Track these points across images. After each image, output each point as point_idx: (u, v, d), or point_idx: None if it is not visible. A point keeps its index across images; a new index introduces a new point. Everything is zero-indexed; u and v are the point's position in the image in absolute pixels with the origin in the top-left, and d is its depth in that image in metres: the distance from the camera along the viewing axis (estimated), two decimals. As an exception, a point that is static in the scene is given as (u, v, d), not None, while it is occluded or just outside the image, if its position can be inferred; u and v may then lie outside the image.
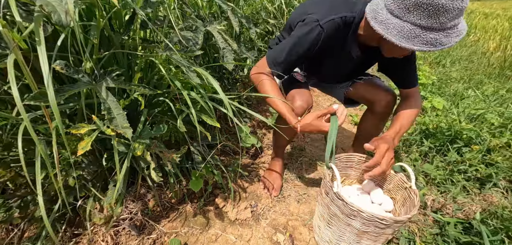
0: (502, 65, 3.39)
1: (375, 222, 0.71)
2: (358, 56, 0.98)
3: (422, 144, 1.41)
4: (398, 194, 0.90)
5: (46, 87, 0.49)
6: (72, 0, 0.45)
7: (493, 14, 7.70)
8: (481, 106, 1.61)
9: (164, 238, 0.97)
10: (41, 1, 0.44)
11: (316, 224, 0.96)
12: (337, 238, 0.84)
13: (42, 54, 0.48)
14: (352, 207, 0.72)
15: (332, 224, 0.84)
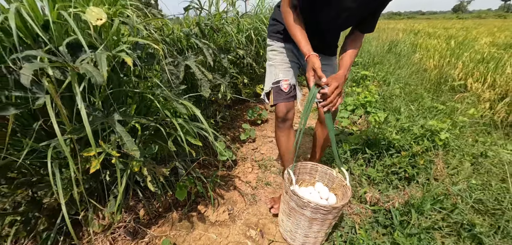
0: (439, 81, 4.01)
1: (319, 209, 0.98)
2: None
3: (366, 152, 1.74)
4: (339, 191, 1.19)
5: (85, 124, 0.68)
6: (105, 70, 0.66)
7: (436, 34, 8.82)
8: (410, 120, 2.02)
9: (155, 240, 1.15)
10: (82, 69, 0.65)
11: (280, 219, 1.22)
12: (295, 226, 1.09)
13: (80, 101, 0.68)
14: (303, 200, 0.98)
15: (291, 216, 1.09)
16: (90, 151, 0.90)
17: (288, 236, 1.17)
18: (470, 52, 4.83)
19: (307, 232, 1.09)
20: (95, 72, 0.66)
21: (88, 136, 0.70)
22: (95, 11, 0.75)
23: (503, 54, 4.45)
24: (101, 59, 0.67)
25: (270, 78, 1.29)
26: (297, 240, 1.13)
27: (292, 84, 1.26)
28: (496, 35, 8.16)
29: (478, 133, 2.10)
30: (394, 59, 4.84)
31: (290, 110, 1.25)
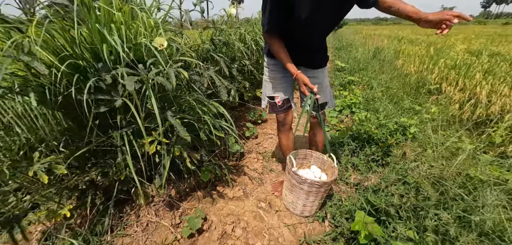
0: (418, 85, 4.46)
1: (314, 184, 1.32)
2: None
3: (351, 144, 2.11)
4: (328, 171, 1.55)
5: (157, 118, 1.01)
6: (174, 80, 0.99)
7: (417, 41, 9.44)
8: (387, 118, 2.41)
9: (187, 211, 1.47)
10: (158, 80, 0.98)
11: (284, 194, 1.55)
12: (296, 198, 1.43)
13: (154, 102, 1.01)
14: (301, 178, 1.33)
15: (293, 191, 1.43)
16: (147, 138, 1.22)
17: (291, 206, 1.51)
18: (446, 59, 5.30)
19: (305, 202, 1.43)
20: (165, 82, 0.99)
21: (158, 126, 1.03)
22: (159, 40, 1.08)
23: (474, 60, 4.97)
24: (170, 73, 1.00)
25: (265, 92, 1.54)
26: (298, 209, 1.47)
27: (284, 99, 1.49)
28: (472, 42, 8.83)
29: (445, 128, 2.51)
30: (378, 65, 5.28)
31: (287, 117, 1.52)
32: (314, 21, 1.20)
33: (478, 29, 24.30)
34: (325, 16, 1.21)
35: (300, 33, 1.29)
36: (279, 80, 1.49)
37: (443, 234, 1.08)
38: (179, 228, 1.36)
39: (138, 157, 1.19)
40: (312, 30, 1.27)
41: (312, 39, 1.35)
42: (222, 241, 1.31)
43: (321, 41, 1.43)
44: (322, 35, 1.40)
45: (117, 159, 1.28)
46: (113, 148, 1.29)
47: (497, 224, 1.04)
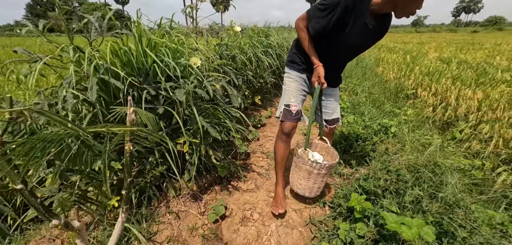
0: (397, 90, 4.92)
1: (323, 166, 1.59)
2: (373, 26, 1.23)
3: (342, 143, 2.44)
4: (323, 152, 1.83)
5: (199, 123, 1.27)
6: (211, 91, 1.25)
7: (395, 49, 10.14)
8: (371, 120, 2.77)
9: (209, 202, 1.72)
10: (198, 91, 1.24)
11: (291, 176, 1.76)
12: (301, 178, 1.67)
13: (196, 112, 1.27)
14: (304, 158, 1.60)
15: (296, 171, 1.67)
16: (180, 139, 1.47)
17: (307, 192, 1.65)
18: (420, 66, 5.83)
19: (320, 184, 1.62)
20: (204, 93, 1.25)
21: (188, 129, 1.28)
22: (194, 60, 1.35)
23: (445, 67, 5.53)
24: (208, 86, 1.26)
25: (283, 100, 1.60)
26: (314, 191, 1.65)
27: (299, 109, 1.57)
28: (443, 50, 9.64)
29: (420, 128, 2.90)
30: (361, 73, 5.74)
31: (293, 128, 1.58)
32: (355, 47, 1.38)
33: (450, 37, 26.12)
34: (356, 48, 1.41)
35: (335, 53, 1.41)
36: (298, 92, 1.59)
37: (417, 206, 1.41)
38: (205, 215, 1.61)
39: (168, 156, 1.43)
40: (347, 53, 1.44)
41: (341, 61, 1.50)
42: (243, 223, 1.57)
43: (345, 64, 1.60)
44: (351, 59, 1.57)
45: (150, 158, 1.52)
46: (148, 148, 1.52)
47: (455, 196, 1.38)
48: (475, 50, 9.89)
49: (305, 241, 1.48)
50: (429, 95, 4.24)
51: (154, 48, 1.35)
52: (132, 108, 0.60)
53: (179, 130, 1.54)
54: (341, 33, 1.30)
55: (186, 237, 1.47)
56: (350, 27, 1.27)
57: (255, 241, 1.46)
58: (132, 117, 0.60)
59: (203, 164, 1.83)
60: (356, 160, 2.21)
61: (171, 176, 1.65)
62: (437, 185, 1.51)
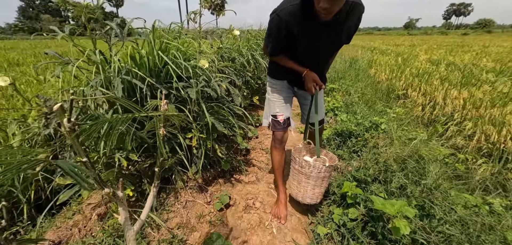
0: (388, 91, 5.12)
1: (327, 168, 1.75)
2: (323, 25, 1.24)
3: (336, 139, 2.61)
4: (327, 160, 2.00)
5: (208, 119, 1.41)
6: (219, 90, 1.40)
7: (388, 51, 10.43)
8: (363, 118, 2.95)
9: (214, 193, 1.86)
10: (207, 90, 1.39)
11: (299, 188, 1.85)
12: (298, 183, 1.83)
13: (205, 109, 1.41)
14: (300, 160, 1.76)
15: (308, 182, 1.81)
16: (190, 133, 1.62)
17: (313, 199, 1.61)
18: (411, 68, 6.05)
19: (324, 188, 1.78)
20: (212, 92, 1.40)
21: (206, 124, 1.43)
22: (202, 62, 1.50)
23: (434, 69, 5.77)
24: (215, 86, 1.41)
25: (268, 111, 1.64)
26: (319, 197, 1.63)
27: (286, 118, 1.60)
28: (433, 52, 9.96)
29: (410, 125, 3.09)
30: (354, 74, 5.94)
31: (284, 134, 1.63)
32: (312, 52, 1.39)
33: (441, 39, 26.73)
34: (322, 48, 1.40)
35: (304, 59, 1.45)
36: (282, 100, 1.60)
37: (403, 192, 1.58)
38: (211, 204, 1.75)
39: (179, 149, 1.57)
40: (310, 58, 1.44)
41: (311, 66, 1.48)
42: (246, 211, 1.72)
43: (319, 68, 1.52)
44: (320, 63, 1.52)
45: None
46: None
47: (436, 182, 1.56)
48: (464, 52, 10.22)
49: (303, 226, 1.63)
50: (419, 96, 4.44)
51: (165, 51, 1.49)
52: (165, 100, 0.75)
53: (186, 126, 1.68)
54: (297, 44, 1.35)
55: (195, 223, 1.61)
56: (301, 35, 1.30)
57: (257, 226, 1.61)
58: (165, 108, 0.74)
59: (208, 159, 1.97)
60: (349, 155, 2.37)
61: (179, 169, 1.79)
62: (420, 174, 1.68)
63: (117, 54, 1.31)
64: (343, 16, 1.25)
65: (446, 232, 1.26)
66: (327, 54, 1.50)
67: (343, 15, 1.25)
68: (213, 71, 1.70)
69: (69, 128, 0.58)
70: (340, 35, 1.35)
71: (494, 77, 4.74)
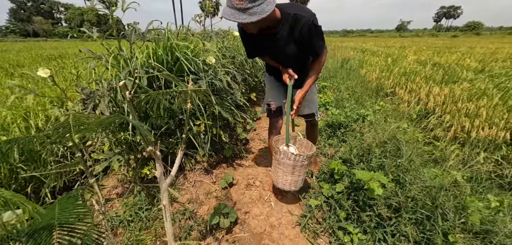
0: (377, 89, 5.43)
1: (305, 157, 2.01)
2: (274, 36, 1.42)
3: (327, 130, 2.87)
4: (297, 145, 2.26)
5: (214, 108, 1.66)
6: (225, 82, 1.65)
7: (378, 53, 10.81)
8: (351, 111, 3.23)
9: (218, 175, 2.10)
10: (215, 82, 1.63)
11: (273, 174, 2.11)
12: (286, 174, 2.07)
13: (213, 99, 1.65)
14: (279, 149, 2.01)
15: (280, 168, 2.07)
16: (198, 120, 1.86)
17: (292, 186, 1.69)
18: (399, 68, 6.38)
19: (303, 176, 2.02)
20: (219, 83, 1.64)
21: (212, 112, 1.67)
22: (209, 58, 1.74)
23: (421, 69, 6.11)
24: (222, 78, 1.65)
25: (266, 99, 1.86)
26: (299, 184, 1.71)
27: (278, 106, 1.79)
28: (422, 54, 10.38)
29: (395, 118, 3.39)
30: (345, 73, 6.25)
31: (278, 121, 1.83)
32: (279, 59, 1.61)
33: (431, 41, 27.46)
34: (283, 56, 1.58)
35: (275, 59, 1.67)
36: (275, 91, 1.81)
37: (381, 167, 1.85)
38: (216, 184, 1.99)
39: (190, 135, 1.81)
40: (281, 62, 1.65)
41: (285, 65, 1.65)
42: (247, 188, 1.96)
43: (294, 67, 1.63)
44: (288, 65, 1.63)
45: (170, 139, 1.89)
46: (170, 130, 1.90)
47: (409, 159, 1.83)
48: (451, 53, 10.67)
49: (297, 200, 1.88)
50: (405, 93, 4.75)
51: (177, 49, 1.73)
52: (191, 82, 0.99)
53: (194, 115, 1.92)
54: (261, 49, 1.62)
55: (203, 199, 1.85)
56: (263, 44, 1.54)
57: (258, 200, 1.86)
58: (192, 88, 0.99)
59: (213, 146, 2.21)
60: (338, 143, 2.64)
61: (187, 153, 2.03)
62: (397, 155, 1.95)
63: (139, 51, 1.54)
64: (286, 29, 1.42)
65: (413, 195, 1.53)
66: (294, 61, 1.61)
67: (286, 28, 1.42)
68: (218, 66, 1.94)
69: (129, 98, 0.83)
70: (291, 45, 1.49)
71: (474, 76, 5.08)
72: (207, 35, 2.21)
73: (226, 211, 1.60)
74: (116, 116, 0.74)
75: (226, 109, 2.01)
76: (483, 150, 2.54)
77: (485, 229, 1.37)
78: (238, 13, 1.18)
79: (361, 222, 1.52)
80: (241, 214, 1.73)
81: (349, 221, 1.58)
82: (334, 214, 1.65)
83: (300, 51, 1.54)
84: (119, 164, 1.39)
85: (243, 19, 1.17)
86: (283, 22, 1.42)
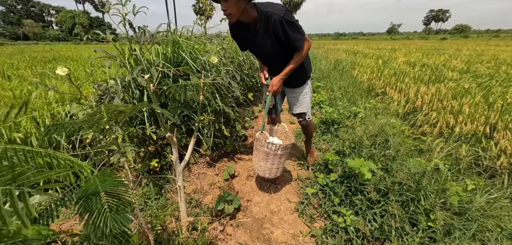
0: (369, 89, 5.65)
1: (279, 146, 2.17)
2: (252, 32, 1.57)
3: (321, 127, 3.04)
4: (282, 137, 2.41)
5: (218, 102, 1.80)
6: (227, 79, 1.79)
7: (370, 55, 11.11)
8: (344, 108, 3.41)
9: (220, 168, 2.23)
10: (218, 80, 1.77)
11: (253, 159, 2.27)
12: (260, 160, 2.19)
13: (217, 95, 1.79)
14: (270, 143, 2.16)
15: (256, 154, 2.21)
16: (202, 116, 1.99)
17: (266, 173, 1.85)
18: (389, 69, 6.62)
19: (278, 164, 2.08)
20: (222, 81, 1.79)
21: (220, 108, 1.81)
22: (212, 58, 1.89)
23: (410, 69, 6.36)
24: (225, 76, 1.79)
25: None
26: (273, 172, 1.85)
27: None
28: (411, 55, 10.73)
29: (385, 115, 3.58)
30: (338, 74, 6.46)
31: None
32: (261, 55, 1.77)
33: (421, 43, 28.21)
34: (265, 52, 1.69)
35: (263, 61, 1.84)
36: None
37: (371, 157, 2.01)
38: (219, 176, 2.13)
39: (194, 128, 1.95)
40: (264, 60, 1.80)
41: (269, 65, 1.82)
42: (248, 179, 2.10)
43: (276, 67, 1.75)
44: (274, 64, 1.76)
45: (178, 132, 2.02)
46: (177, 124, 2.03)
47: (396, 150, 2.00)
48: (439, 55, 11.06)
49: (295, 189, 2.03)
50: (395, 92, 4.97)
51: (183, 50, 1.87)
52: (203, 77, 1.14)
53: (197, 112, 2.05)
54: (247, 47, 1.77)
55: (207, 189, 1.98)
56: (248, 42, 1.70)
57: (258, 190, 2.00)
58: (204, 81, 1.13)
59: (215, 142, 2.35)
60: (332, 138, 2.81)
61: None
62: (386, 146, 2.12)
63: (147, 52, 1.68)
64: (262, 25, 1.53)
65: (399, 180, 1.70)
66: (275, 57, 1.71)
67: (262, 25, 1.53)
68: (220, 66, 2.09)
69: (153, 89, 0.96)
70: (268, 42, 1.59)
71: (459, 76, 5.35)
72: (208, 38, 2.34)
73: (230, 198, 1.74)
74: (145, 103, 0.88)
75: (228, 106, 2.15)
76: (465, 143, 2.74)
77: (462, 207, 1.55)
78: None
79: (353, 205, 1.68)
80: (243, 202, 1.87)
81: (343, 205, 1.73)
82: (329, 200, 1.81)
83: (280, 47, 1.61)
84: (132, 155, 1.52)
85: None
86: (259, 20, 1.52)
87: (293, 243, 1.56)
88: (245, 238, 1.58)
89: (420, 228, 1.45)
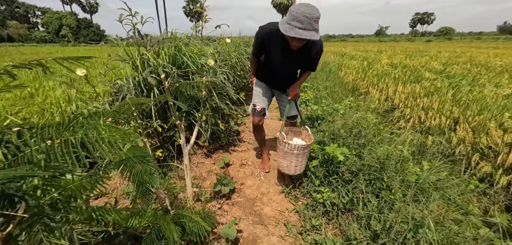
0: (353, 89, 6.03)
1: (301, 148, 2.47)
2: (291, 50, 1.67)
3: (307, 122, 3.36)
4: (306, 139, 2.73)
5: (216, 99, 2.08)
6: (222, 79, 2.08)
7: (356, 56, 11.59)
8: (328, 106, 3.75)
9: (216, 159, 2.52)
10: (214, 79, 2.06)
11: (279, 162, 2.63)
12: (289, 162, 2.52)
13: (215, 94, 2.08)
14: (287, 142, 2.47)
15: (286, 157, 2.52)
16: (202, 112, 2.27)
17: (286, 170, 2.08)
18: (372, 70, 7.02)
19: (296, 163, 2.50)
20: (217, 81, 2.07)
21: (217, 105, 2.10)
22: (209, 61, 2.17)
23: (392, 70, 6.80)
24: (220, 77, 2.08)
25: (252, 101, 2.20)
26: (292, 170, 2.08)
27: (262, 107, 2.15)
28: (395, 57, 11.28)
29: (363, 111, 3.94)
30: (325, 75, 6.83)
31: (259, 121, 2.17)
32: (278, 65, 1.93)
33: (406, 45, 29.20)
34: (286, 65, 1.90)
35: (273, 67, 1.99)
36: (261, 95, 2.18)
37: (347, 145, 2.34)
38: (215, 165, 2.41)
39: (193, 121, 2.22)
40: (279, 70, 1.99)
41: (279, 74, 2.04)
42: (242, 167, 2.40)
43: (288, 76, 2.04)
44: (287, 74, 2.03)
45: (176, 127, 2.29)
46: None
47: (368, 139, 2.34)
48: (421, 56, 11.64)
49: (282, 175, 2.33)
50: (377, 92, 5.35)
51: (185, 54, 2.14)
52: (205, 77, 1.42)
53: (196, 108, 2.33)
54: (268, 56, 1.93)
55: (205, 175, 2.26)
56: (273, 51, 1.83)
57: (250, 175, 2.30)
58: (206, 79, 1.42)
59: (211, 134, 2.63)
60: (316, 132, 3.14)
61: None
62: (361, 135, 2.46)
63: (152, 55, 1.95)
64: (305, 48, 1.75)
65: (368, 163, 2.03)
66: (291, 70, 2.01)
67: (305, 48, 1.74)
68: (216, 67, 2.37)
69: (168, 86, 1.25)
70: (302, 60, 1.85)
71: (435, 76, 5.79)
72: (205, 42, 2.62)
73: (226, 181, 2.02)
74: (164, 96, 1.16)
75: (223, 103, 2.44)
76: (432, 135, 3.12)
77: (417, 182, 1.89)
78: (313, 33, 1.46)
79: (330, 184, 2.00)
80: (238, 185, 2.16)
81: (322, 185, 2.05)
82: (311, 182, 2.12)
83: (299, 63, 1.91)
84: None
85: (314, 37, 1.45)
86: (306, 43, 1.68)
87: (280, 217, 1.87)
88: (239, 213, 1.87)
89: (382, 199, 1.78)
